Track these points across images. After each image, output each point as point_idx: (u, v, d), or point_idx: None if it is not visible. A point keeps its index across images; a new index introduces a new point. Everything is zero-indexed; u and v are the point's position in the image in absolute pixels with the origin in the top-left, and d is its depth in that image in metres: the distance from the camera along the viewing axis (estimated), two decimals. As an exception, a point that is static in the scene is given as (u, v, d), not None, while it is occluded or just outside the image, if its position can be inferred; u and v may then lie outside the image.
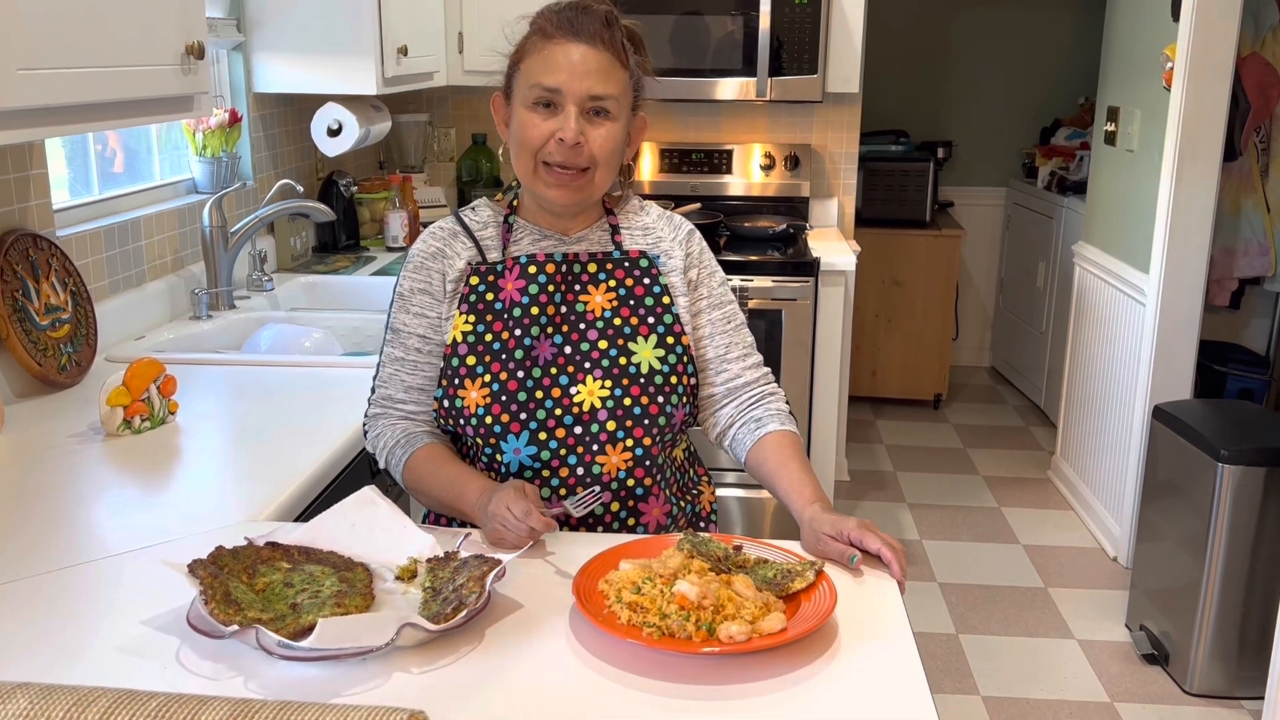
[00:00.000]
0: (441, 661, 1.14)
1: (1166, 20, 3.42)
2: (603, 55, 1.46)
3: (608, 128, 1.48)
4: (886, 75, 5.38)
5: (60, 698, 0.86)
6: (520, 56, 1.50)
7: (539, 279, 1.53)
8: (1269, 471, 2.75)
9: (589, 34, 1.46)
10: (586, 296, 1.55)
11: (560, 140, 1.45)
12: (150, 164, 2.73)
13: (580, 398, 1.51)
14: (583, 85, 1.45)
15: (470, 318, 1.53)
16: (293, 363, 2.21)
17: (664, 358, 1.54)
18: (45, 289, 2.05)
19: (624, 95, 1.50)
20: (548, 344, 1.52)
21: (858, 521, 1.38)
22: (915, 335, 4.98)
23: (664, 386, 1.52)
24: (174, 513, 1.51)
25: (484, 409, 1.50)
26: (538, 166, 1.49)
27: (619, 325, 1.54)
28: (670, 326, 1.55)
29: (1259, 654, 2.77)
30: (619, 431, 1.50)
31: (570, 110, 1.45)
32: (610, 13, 1.49)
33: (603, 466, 1.51)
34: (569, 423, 1.50)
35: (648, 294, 1.56)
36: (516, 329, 1.51)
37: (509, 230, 1.57)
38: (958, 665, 3.05)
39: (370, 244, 3.49)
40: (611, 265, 1.56)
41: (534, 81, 1.46)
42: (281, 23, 2.93)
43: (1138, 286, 3.56)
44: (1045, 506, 4.12)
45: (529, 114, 1.47)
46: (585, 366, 1.52)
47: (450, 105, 4.07)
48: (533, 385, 1.50)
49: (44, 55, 1.55)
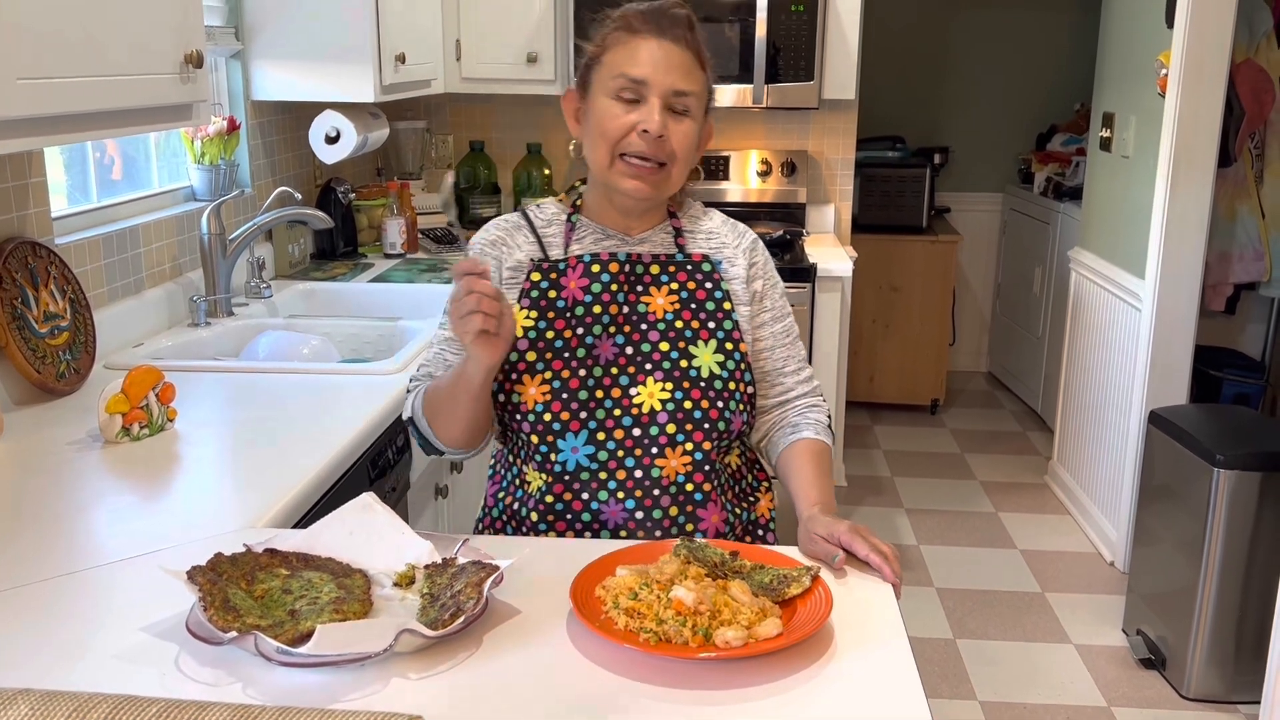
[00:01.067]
0: (440, 667, 1.14)
1: (1161, 27, 3.44)
2: (686, 54, 1.49)
3: (687, 125, 1.50)
4: (883, 81, 5.39)
5: (60, 704, 0.86)
6: (602, 50, 1.52)
7: (602, 278, 1.54)
8: (1264, 476, 2.76)
9: (674, 34, 1.49)
10: (648, 298, 1.55)
11: (644, 131, 1.47)
12: (149, 171, 2.74)
13: (640, 399, 1.51)
14: (668, 79, 1.47)
15: (532, 313, 1.53)
16: (291, 370, 2.22)
17: (723, 363, 1.54)
18: (44, 296, 2.05)
19: (701, 95, 1.52)
20: (609, 343, 1.53)
21: (850, 525, 1.38)
22: (912, 341, 4.99)
23: (723, 391, 1.53)
24: (173, 519, 1.51)
25: (543, 405, 1.50)
26: (615, 159, 1.50)
27: (680, 328, 1.54)
28: (730, 333, 1.56)
29: (1255, 658, 2.78)
30: (679, 435, 1.50)
31: (654, 102, 1.47)
32: (691, 17, 1.52)
33: (661, 470, 1.50)
34: (628, 424, 1.50)
35: (709, 298, 1.57)
36: (579, 327, 1.52)
37: (572, 229, 1.58)
38: (955, 670, 3.05)
39: (368, 251, 3.50)
40: (674, 268, 1.57)
41: (620, 72, 1.48)
42: (279, 31, 2.94)
43: (1134, 292, 3.57)
44: (1042, 511, 4.13)
45: (611, 104, 1.49)
46: (646, 368, 1.52)
47: (448, 112, 4.08)
48: (593, 384, 1.51)
49: (44, 65, 1.56)
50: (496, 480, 1.66)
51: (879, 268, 4.90)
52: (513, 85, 3.72)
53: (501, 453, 1.66)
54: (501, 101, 4.01)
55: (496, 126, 4.08)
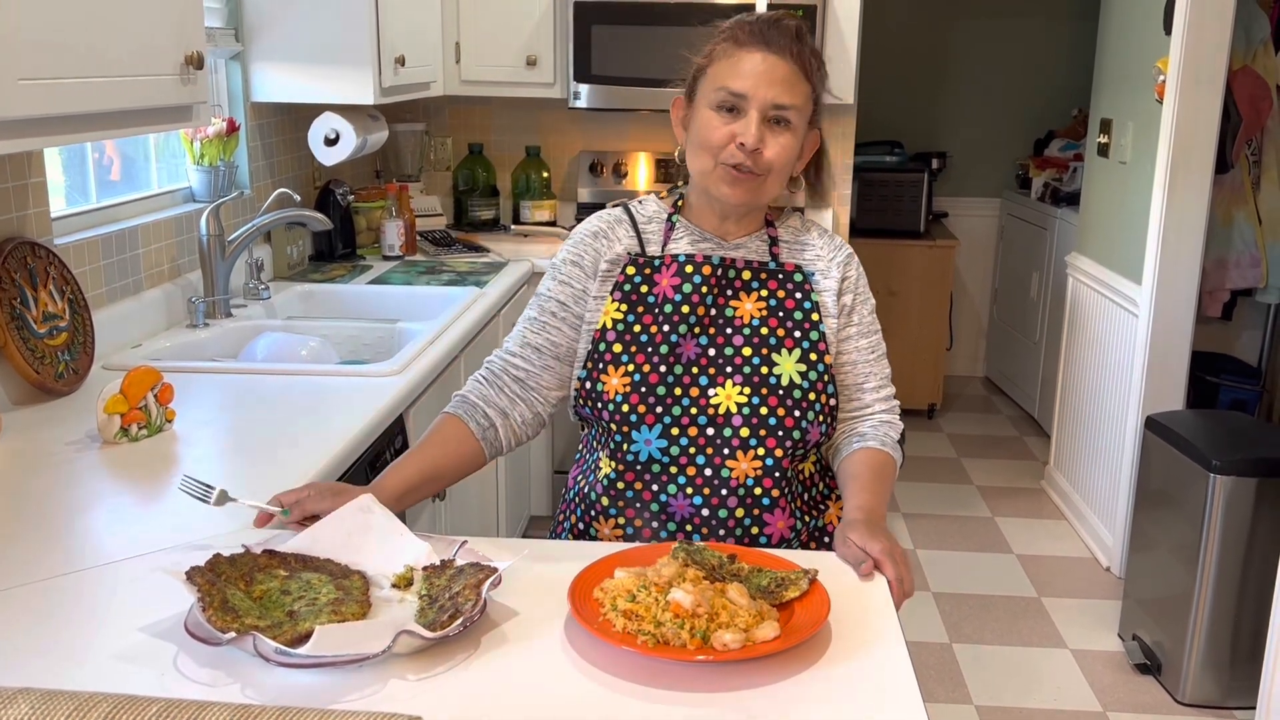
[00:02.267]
0: (438, 669, 1.15)
1: (1159, 33, 3.45)
2: (790, 67, 1.51)
3: (786, 137, 1.52)
4: (881, 86, 5.40)
5: (60, 704, 0.86)
6: (709, 61, 1.55)
7: (694, 279, 1.56)
8: (1260, 482, 2.76)
9: (779, 46, 1.50)
10: (737, 303, 1.58)
11: (741, 144, 1.49)
12: (148, 172, 2.74)
13: (717, 400, 1.54)
14: (769, 93, 1.49)
15: (622, 306, 1.57)
16: (289, 371, 2.22)
17: (805, 373, 1.56)
18: (43, 297, 2.05)
19: (804, 107, 1.54)
20: (693, 343, 1.56)
21: (885, 547, 1.37)
22: (909, 345, 4.99)
23: (802, 401, 1.54)
24: (171, 520, 1.51)
25: (622, 396, 1.54)
26: (715, 166, 1.53)
27: (765, 335, 1.57)
28: (815, 344, 1.57)
29: (1251, 664, 2.78)
30: (751, 439, 1.53)
31: (753, 116, 1.50)
32: (800, 27, 1.54)
33: (731, 471, 1.53)
34: (702, 423, 1.53)
35: (798, 308, 1.59)
36: (665, 324, 1.55)
37: (671, 228, 1.62)
38: (951, 674, 3.05)
39: (367, 253, 3.50)
40: (766, 275, 1.60)
41: (721, 85, 1.51)
42: (279, 32, 2.94)
43: (1130, 297, 3.57)
44: (1039, 516, 4.13)
45: (712, 115, 1.52)
46: (727, 371, 1.55)
47: (447, 115, 4.08)
48: (673, 381, 1.54)
49: (44, 65, 1.56)
50: (579, 464, 1.71)
51: (876, 272, 4.89)
52: (512, 88, 3.72)
53: (586, 438, 1.70)
54: (500, 104, 4.02)
55: (495, 129, 4.09)
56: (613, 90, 3.62)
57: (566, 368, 1.62)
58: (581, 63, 3.62)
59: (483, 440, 1.59)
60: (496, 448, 1.61)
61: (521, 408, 1.62)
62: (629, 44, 3.58)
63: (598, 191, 3.98)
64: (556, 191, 4.08)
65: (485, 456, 1.60)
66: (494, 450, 1.61)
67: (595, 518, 1.60)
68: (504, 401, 1.61)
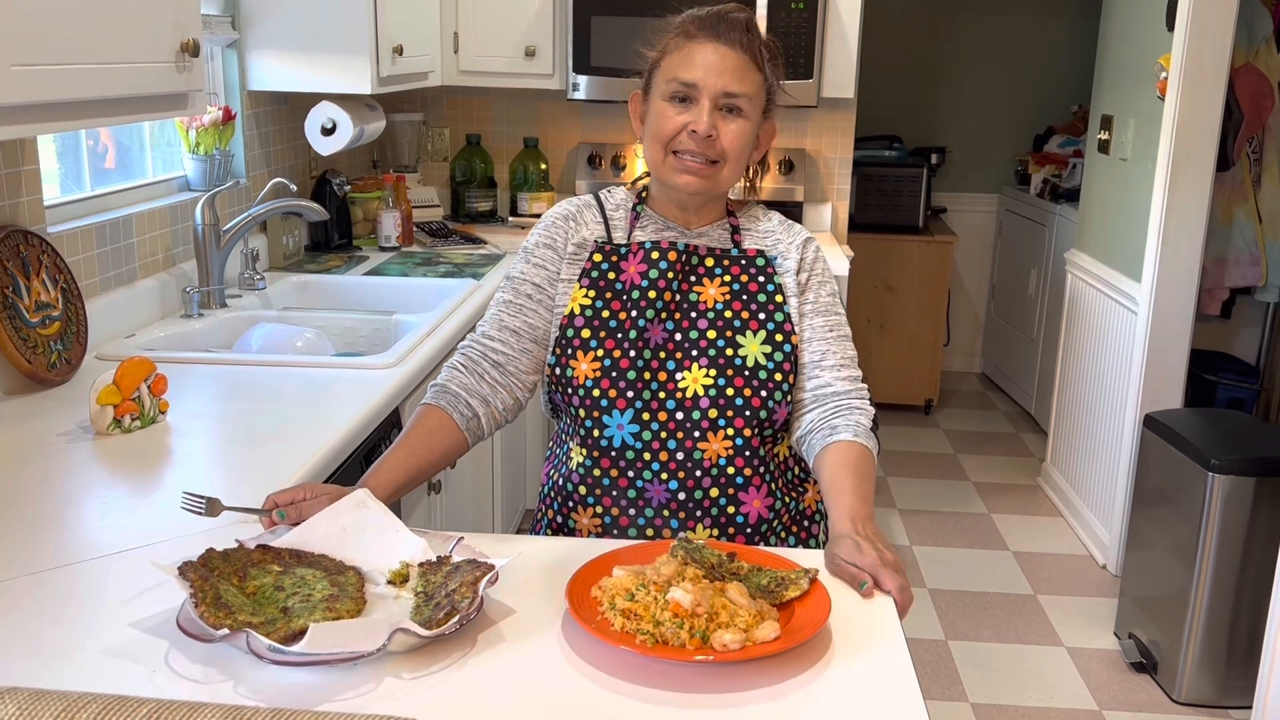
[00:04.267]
0: (434, 667, 1.13)
1: (1161, 30, 3.43)
2: (741, 57, 1.55)
3: (739, 124, 1.56)
4: (881, 81, 5.38)
5: (49, 704, 0.85)
6: (662, 54, 1.60)
7: (660, 265, 1.60)
8: (1258, 481, 2.76)
9: (729, 37, 1.55)
10: (701, 288, 1.61)
11: (693, 132, 1.53)
12: (142, 160, 2.72)
13: (685, 384, 1.57)
14: (719, 82, 1.53)
15: (590, 293, 1.60)
16: (284, 362, 2.20)
17: (770, 354, 1.59)
18: (36, 286, 2.03)
19: (756, 96, 1.57)
20: (660, 328, 1.59)
21: (875, 558, 1.33)
22: (907, 341, 4.98)
23: (768, 381, 1.57)
24: (164, 513, 1.50)
25: (592, 381, 1.57)
26: (667, 156, 1.57)
27: (729, 318, 1.60)
28: (780, 325, 1.61)
29: (1247, 663, 2.78)
30: (720, 419, 1.56)
31: (704, 104, 1.54)
32: (750, 20, 1.59)
33: (704, 453, 1.56)
34: (671, 407, 1.56)
35: (761, 291, 1.62)
36: (633, 310, 1.58)
37: (637, 217, 1.66)
38: (947, 672, 3.05)
39: (363, 243, 3.48)
40: (729, 261, 1.64)
41: (672, 76, 1.56)
42: (276, 20, 2.92)
43: (1130, 295, 3.56)
44: (1035, 513, 4.13)
45: (665, 106, 1.56)
46: (693, 354, 1.58)
47: (444, 105, 4.06)
48: (642, 366, 1.57)
49: (38, 51, 1.54)
50: (550, 460, 1.73)
51: (875, 267, 4.89)
52: (510, 79, 3.70)
53: (555, 432, 1.72)
54: (498, 95, 4.00)
55: (493, 120, 4.07)
56: (612, 82, 3.60)
57: (542, 350, 1.64)
58: (580, 54, 3.60)
59: (466, 431, 1.60)
60: (479, 436, 1.63)
61: (502, 394, 1.63)
62: (628, 35, 3.55)
63: (596, 184, 3.96)
64: (554, 183, 4.06)
65: (468, 446, 1.62)
66: (476, 439, 1.63)
67: (573, 509, 1.62)
68: (485, 389, 1.62)
